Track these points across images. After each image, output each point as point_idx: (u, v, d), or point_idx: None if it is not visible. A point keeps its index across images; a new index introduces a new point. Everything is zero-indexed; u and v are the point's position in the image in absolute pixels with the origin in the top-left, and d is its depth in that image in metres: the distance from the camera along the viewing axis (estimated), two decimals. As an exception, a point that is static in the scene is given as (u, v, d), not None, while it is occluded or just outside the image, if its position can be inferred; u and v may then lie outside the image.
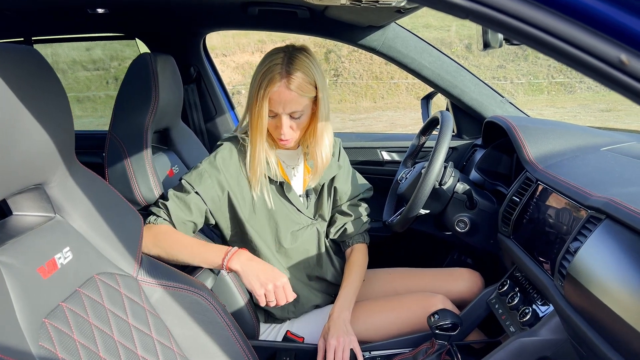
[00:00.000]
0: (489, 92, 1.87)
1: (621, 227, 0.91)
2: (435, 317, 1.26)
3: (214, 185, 1.35)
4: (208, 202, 1.35)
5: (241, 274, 1.26)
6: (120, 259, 1.05)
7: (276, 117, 1.31)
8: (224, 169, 1.36)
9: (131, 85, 1.44)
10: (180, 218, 1.33)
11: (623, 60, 0.47)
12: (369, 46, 1.82)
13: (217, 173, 1.35)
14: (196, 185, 1.34)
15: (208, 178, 1.34)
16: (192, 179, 1.35)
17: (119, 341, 0.94)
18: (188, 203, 1.33)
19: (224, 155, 1.38)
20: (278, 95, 1.28)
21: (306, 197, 1.49)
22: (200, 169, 1.36)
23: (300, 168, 1.48)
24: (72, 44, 12.62)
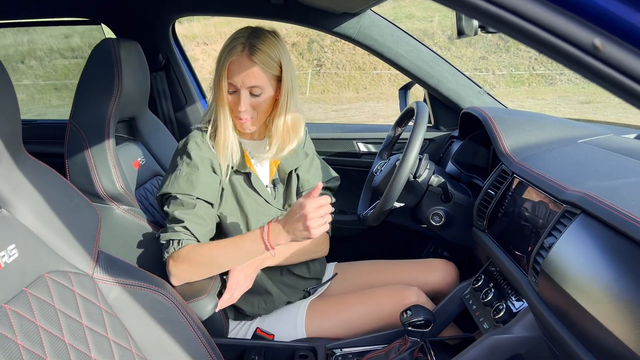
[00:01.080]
0: (466, 83, 1.84)
1: (596, 223, 0.88)
2: (408, 313, 1.23)
3: (207, 181, 1.29)
4: (212, 200, 1.30)
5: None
6: (75, 255, 0.99)
7: (236, 93, 1.27)
8: (203, 163, 1.30)
9: (93, 71, 1.37)
10: (202, 232, 1.28)
11: (597, 45, 0.43)
12: (344, 34, 1.76)
13: (202, 170, 1.29)
14: (192, 192, 1.27)
15: (197, 178, 1.28)
16: (183, 188, 1.28)
17: (70, 344, 0.88)
18: (200, 214, 1.27)
19: (195, 150, 1.31)
20: (238, 65, 1.24)
21: (273, 187, 1.45)
22: (184, 174, 1.29)
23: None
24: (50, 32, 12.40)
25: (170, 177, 1.30)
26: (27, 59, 12.53)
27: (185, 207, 1.27)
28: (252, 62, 1.24)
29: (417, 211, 1.52)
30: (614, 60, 0.42)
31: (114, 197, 1.34)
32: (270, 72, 1.27)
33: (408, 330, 1.23)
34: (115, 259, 1.07)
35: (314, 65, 15.27)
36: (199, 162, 1.29)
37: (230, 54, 1.24)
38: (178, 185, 1.28)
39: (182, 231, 1.26)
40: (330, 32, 1.78)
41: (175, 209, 1.28)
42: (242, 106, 1.27)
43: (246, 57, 1.24)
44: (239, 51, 1.24)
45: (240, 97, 1.27)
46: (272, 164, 1.44)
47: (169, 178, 1.31)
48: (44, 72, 12.99)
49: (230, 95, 1.28)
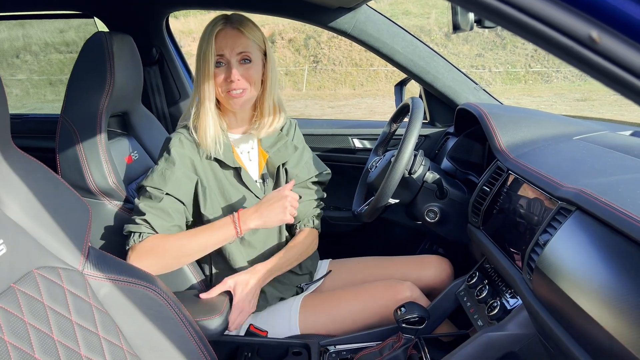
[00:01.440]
0: (462, 79, 1.83)
1: (591, 219, 0.87)
2: (402, 310, 1.22)
3: (181, 179, 1.28)
4: (183, 198, 1.29)
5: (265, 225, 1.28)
6: (65, 251, 0.97)
7: (225, 66, 1.27)
8: (182, 161, 1.29)
9: (85, 65, 1.36)
10: (164, 227, 1.26)
11: (594, 37, 0.42)
12: (340, 29, 1.75)
13: (178, 166, 1.28)
14: (163, 187, 1.26)
15: (171, 175, 1.27)
16: (155, 182, 1.27)
17: (58, 340, 0.87)
18: (165, 209, 1.26)
19: (176, 147, 1.30)
20: (224, 35, 1.26)
21: (263, 182, 1.43)
22: (160, 169, 1.28)
23: (254, 153, 1.43)
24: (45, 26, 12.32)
25: (150, 172, 1.30)
26: (22, 54, 12.46)
27: (152, 200, 1.26)
28: (239, 30, 1.26)
29: (412, 208, 1.51)
30: (611, 53, 0.41)
31: (106, 192, 1.33)
32: (256, 42, 1.28)
33: (402, 327, 1.22)
34: (106, 255, 1.06)
35: (310, 62, 15.24)
36: (178, 158, 1.29)
37: (216, 26, 1.25)
38: (152, 179, 1.28)
39: (142, 224, 1.25)
40: (326, 27, 1.76)
41: (141, 200, 1.27)
42: (234, 75, 1.26)
43: (232, 27, 1.26)
44: (223, 23, 1.26)
45: (231, 67, 1.26)
46: (261, 159, 1.43)
47: (148, 173, 1.31)
48: (38, 66, 12.93)
49: (218, 68, 1.27)
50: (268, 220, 1.26)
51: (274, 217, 1.26)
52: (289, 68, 14.97)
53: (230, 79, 1.26)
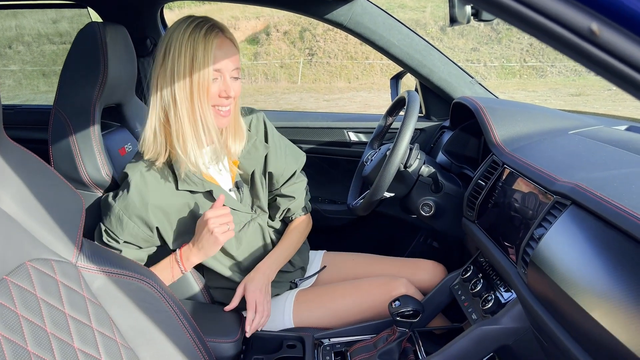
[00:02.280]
0: (458, 73, 1.82)
1: (586, 214, 0.87)
2: (397, 303, 1.22)
3: (140, 226, 1.21)
4: (140, 243, 1.24)
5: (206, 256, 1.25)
6: (58, 243, 0.97)
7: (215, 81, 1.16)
8: (141, 205, 1.19)
9: (77, 56, 1.34)
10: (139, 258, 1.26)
11: (594, 30, 0.41)
12: (336, 21, 1.74)
13: (135, 210, 1.19)
14: (120, 234, 1.21)
15: (129, 221, 1.20)
16: (113, 226, 1.21)
17: (52, 333, 0.86)
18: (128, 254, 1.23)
19: (138, 184, 1.19)
20: (221, 47, 1.14)
21: (237, 190, 1.36)
22: (117, 212, 1.19)
23: (225, 164, 1.34)
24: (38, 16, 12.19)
25: (107, 203, 1.21)
26: (14, 44, 12.36)
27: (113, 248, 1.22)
28: (231, 42, 1.17)
29: (407, 201, 1.51)
30: (611, 46, 0.41)
31: (99, 184, 1.32)
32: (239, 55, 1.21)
33: (396, 320, 1.22)
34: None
35: (305, 54, 15.19)
36: (137, 200, 1.18)
37: (211, 36, 1.12)
38: (109, 221, 1.21)
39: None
40: (322, 19, 1.75)
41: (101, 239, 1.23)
42: (231, 91, 1.16)
43: (225, 38, 1.16)
44: (217, 32, 1.14)
45: (226, 82, 1.16)
46: (232, 166, 1.34)
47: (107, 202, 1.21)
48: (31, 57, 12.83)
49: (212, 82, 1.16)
50: (206, 251, 1.22)
51: (208, 246, 1.20)
52: (284, 61, 14.91)
53: (225, 94, 1.16)
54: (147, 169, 1.21)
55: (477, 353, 1.13)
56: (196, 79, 1.13)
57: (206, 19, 1.16)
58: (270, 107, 10.90)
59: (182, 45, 1.12)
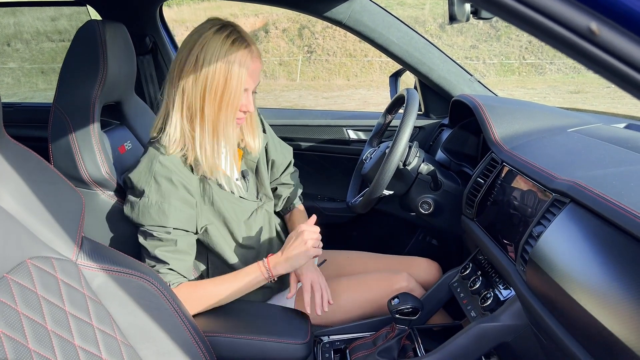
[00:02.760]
0: (457, 70, 1.83)
1: (585, 212, 0.88)
2: (396, 301, 1.23)
3: (181, 208, 1.21)
4: (188, 226, 1.23)
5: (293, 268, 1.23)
6: (58, 241, 0.97)
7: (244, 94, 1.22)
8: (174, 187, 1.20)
9: (77, 54, 1.34)
10: (187, 268, 1.24)
11: (593, 29, 0.41)
12: (335, 19, 1.74)
13: (172, 194, 1.19)
14: (166, 223, 1.19)
15: (169, 206, 1.19)
16: (156, 220, 1.18)
17: (52, 331, 0.87)
18: (182, 249, 1.21)
19: (161, 172, 1.20)
20: (255, 68, 1.19)
21: (243, 179, 1.39)
22: (155, 203, 1.19)
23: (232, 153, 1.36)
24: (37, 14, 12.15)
25: (139, 205, 1.20)
26: (13, 42, 12.32)
27: (164, 243, 1.19)
28: (260, 62, 1.22)
29: (406, 199, 1.51)
30: (610, 45, 0.41)
31: (99, 183, 1.32)
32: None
33: (395, 317, 1.23)
34: (100, 245, 1.05)
35: (304, 52, 15.17)
36: (169, 185, 1.19)
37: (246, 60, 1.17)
38: (150, 217, 1.19)
39: (168, 273, 1.20)
40: (321, 17, 1.75)
41: (154, 246, 1.20)
42: (252, 106, 1.23)
43: (257, 59, 1.20)
44: (252, 55, 1.18)
45: (249, 100, 1.22)
46: (237, 156, 1.38)
47: (137, 205, 1.20)
48: (30, 55, 12.81)
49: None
50: (294, 261, 1.21)
51: (297, 257, 1.21)
52: (282, 58, 14.89)
53: (245, 108, 1.22)
54: (164, 158, 1.21)
55: (476, 350, 1.13)
56: (226, 99, 1.17)
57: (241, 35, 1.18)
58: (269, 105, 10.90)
59: (218, 61, 1.15)
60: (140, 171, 1.21)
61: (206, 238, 1.30)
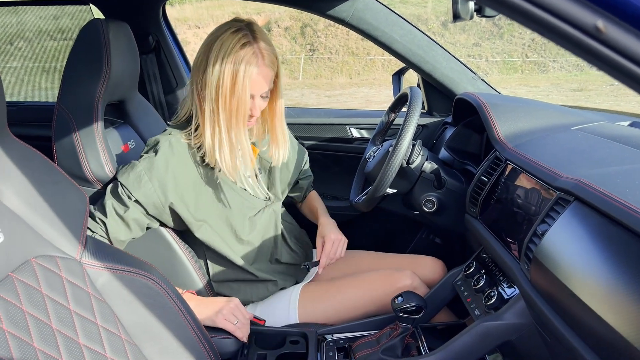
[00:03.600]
0: (460, 68, 1.82)
1: (590, 210, 0.87)
2: (399, 299, 1.23)
3: (155, 190, 1.21)
4: (149, 208, 1.23)
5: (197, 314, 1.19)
6: (62, 240, 0.97)
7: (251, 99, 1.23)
8: (164, 172, 1.22)
9: (80, 53, 1.34)
10: (117, 238, 1.23)
11: (599, 27, 0.41)
12: (338, 17, 1.74)
13: (158, 174, 1.21)
14: (134, 191, 1.20)
15: (148, 182, 1.21)
16: (129, 182, 1.21)
17: (57, 329, 0.87)
18: (127, 220, 1.22)
19: (166, 151, 1.23)
20: (259, 75, 1.20)
21: (255, 177, 1.41)
22: (139, 170, 1.21)
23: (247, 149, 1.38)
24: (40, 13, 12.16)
25: (129, 165, 1.24)
26: (15, 41, 12.35)
27: (119, 203, 1.21)
28: (269, 68, 1.22)
29: (410, 197, 1.51)
30: (617, 43, 0.41)
31: (103, 181, 1.32)
32: (274, 69, 1.25)
33: (399, 316, 1.22)
34: (104, 244, 1.06)
35: (307, 50, 15.16)
36: (162, 167, 1.22)
37: (250, 65, 1.17)
38: (127, 177, 1.22)
39: (100, 225, 1.21)
40: (324, 15, 1.75)
41: (109, 197, 1.22)
42: (257, 111, 1.24)
43: (264, 65, 1.20)
44: (258, 61, 1.18)
45: (254, 104, 1.23)
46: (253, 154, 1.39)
47: (128, 165, 1.25)
48: (32, 53, 12.83)
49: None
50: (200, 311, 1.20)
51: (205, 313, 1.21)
52: (285, 56, 14.89)
53: (252, 114, 1.24)
54: (177, 141, 1.25)
55: (480, 349, 1.13)
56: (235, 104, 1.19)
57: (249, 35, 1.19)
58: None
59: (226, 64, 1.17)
60: (152, 140, 1.27)
61: (203, 236, 1.31)
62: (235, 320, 1.22)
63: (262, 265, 1.42)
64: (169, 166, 1.23)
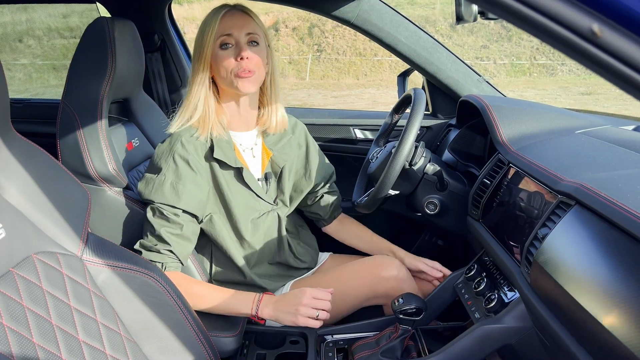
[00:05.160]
0: (465, 70, 1.82)
1: (591, 214, 0.87)
2: (400, 301, 1.23)
3: (194, 192, 1.23)
4: (197, 212, 1.25)
5: (277, 320, 1.23)
6: (64, 236, 0.98)
7: (231, 47, 1.23)
8: (191, 169, 1.24)
9: (86, 51, 1.35)
10: (185, 255, 1.26)
11: (595, 31, 0.41)
12: (343, 18, 1.73)
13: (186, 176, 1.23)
14: (177, 203, 1.21)
15: (184, 189, 1.22)
16: (167, 198, 1.21)
17: (57, 325, 0.88)
18: (187, 235, 1.24)
19: (181, 153, 1.24)
20: (231, 16, 1.23)
21: (265, 181, 1.40)
22: (169, 183, 1.21)
23: (258, 149, 1.40)
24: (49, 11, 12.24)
25: (154, 182, 1.23)
26: (25, 38, 12.42)
27: (171, 225, 1.21)
28: (245, 13, 1.25)
29: (412, 199, 1.51)
30: (613, 47, 0.41)
31: (106, 179, 1.33)
32: (262, 29, 1.27)
33: (399, 318, 1.22)
34: (105, 241, 1.06)
35: (314, 51, 15.16)
36: (186, 167, 1.23)
37: (221, 9, 1.23)
38: (162, 195, 1.21)
39: (167, 254, 1.22)
40: (329, 16, 1.75)
41: (161, 224, 1.21)
42: (245, 52, 1.21)
43: (238, 10, 1.24)
44: (227, 7, 1.23)
45: (240, 46, 1.22)
46: (265, 157, 1.40)
47: (152, 181, 1.23)
48: (42, 51, 12.90)
49: (225, 51, 1.23)
50: (280, 317, 1.21)
51: (284, 316, 1.21)
52: (292, 57, 14.90)
53: (240, 56, 1.20)
54: (186, 140, 1.25)
55: (479, 352, 1.13)
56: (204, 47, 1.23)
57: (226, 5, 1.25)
58: (278, 103, 10.86)
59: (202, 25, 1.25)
60: (162, 148, 1.26)
61: (209, 227, 1.32)
62: (315, 313, 1.20)
63: (261, 269, 1.42)
64: (190, 164, 1.24)
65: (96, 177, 1.32)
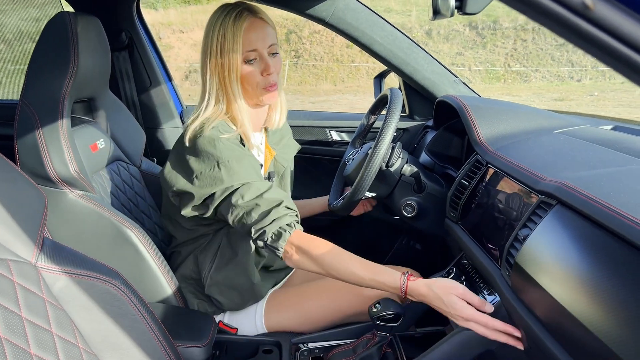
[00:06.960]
0: (441, 71, 1.80)
1: (573, 213, 0.84)
2: (377, 307, 1.18)
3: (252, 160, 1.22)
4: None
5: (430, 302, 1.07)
6: (16, 242, 0.90)
7: (254, 61, 1.19)
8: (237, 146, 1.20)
9: (46, 47, 1.28)
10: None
11: (587, 4, 0.37)
12: (318, 17, 1.70)
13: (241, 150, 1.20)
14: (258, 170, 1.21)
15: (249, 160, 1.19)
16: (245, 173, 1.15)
17: (5, 338, 0.81)
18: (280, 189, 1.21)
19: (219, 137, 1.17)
20: (254, 28, 1.17)
21: (268, 179, 1.37)
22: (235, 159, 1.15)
23: (262, 148, 1.37)
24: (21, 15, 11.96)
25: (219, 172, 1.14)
26: (-5, 42, 12.15)
27: (266, 186, 1.16)
28: (263, 20, 1.20)
29: (390, 202, 1.47)
30: (605, 21, 0.37)
31: (67, 181, 1.25)
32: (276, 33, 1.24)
33: (377, 324, 1.18)
34: (63, 247, 0.99)
35: (291, 57, 15.16)
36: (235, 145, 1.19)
37: (241, 19, 1.16)
38: (238, 175, 1.14)
39: (287, 213, 1.13)
40: (304, 15, 1.71)
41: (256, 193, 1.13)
42: (271, 68, 1.19)
43: (256, 17, 1.18)
44: (247, 15, 1.17)
45: (266, 61, 1.19)
46: (268, 156, 1.38)
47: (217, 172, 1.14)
48: (12, 56, 12.63)
49: (250, 65, 1.19)
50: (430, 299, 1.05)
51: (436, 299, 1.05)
52: (269, 62, 14.85)
53: (268, 72, 1.19)
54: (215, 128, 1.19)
55: (459, 358, 1.09)
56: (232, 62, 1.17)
57: (237, 5, 1.19)
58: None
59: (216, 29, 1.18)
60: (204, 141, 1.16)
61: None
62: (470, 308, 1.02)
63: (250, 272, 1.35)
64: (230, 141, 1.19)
65: (56, 180, 1.24)
